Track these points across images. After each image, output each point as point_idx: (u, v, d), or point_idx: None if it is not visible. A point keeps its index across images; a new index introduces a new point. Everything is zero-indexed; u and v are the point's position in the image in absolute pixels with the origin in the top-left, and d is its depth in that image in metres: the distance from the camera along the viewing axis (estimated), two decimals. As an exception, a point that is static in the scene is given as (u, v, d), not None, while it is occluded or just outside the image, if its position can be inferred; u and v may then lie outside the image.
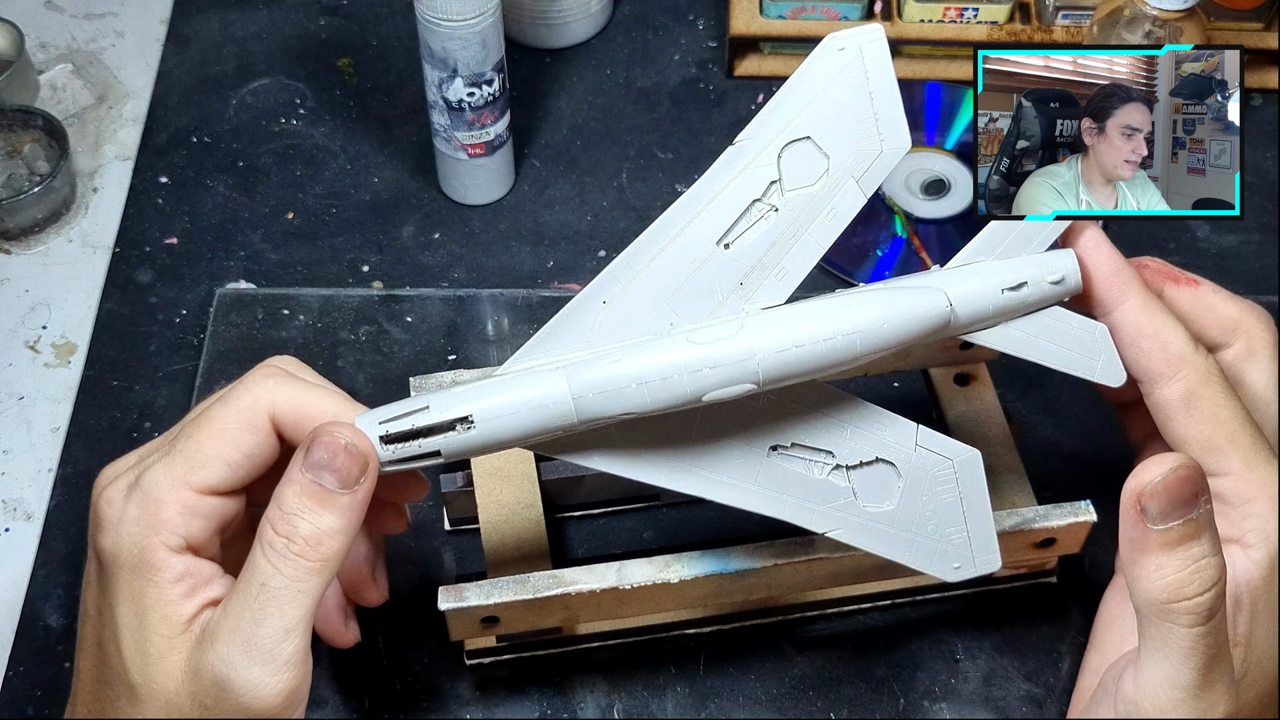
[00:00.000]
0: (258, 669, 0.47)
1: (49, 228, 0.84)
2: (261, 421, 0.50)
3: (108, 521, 0.49)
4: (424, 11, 0.75)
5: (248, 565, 0.49)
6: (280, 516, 0.48)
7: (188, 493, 0.48)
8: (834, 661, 0.67)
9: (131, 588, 0.48)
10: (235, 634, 0.47)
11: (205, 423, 0.50)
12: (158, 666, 0.48)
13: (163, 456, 0.49)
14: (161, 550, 0.48)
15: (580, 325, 0.52)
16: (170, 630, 0.48)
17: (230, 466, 0.49)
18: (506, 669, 0.66)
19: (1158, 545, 0.48)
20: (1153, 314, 0.53)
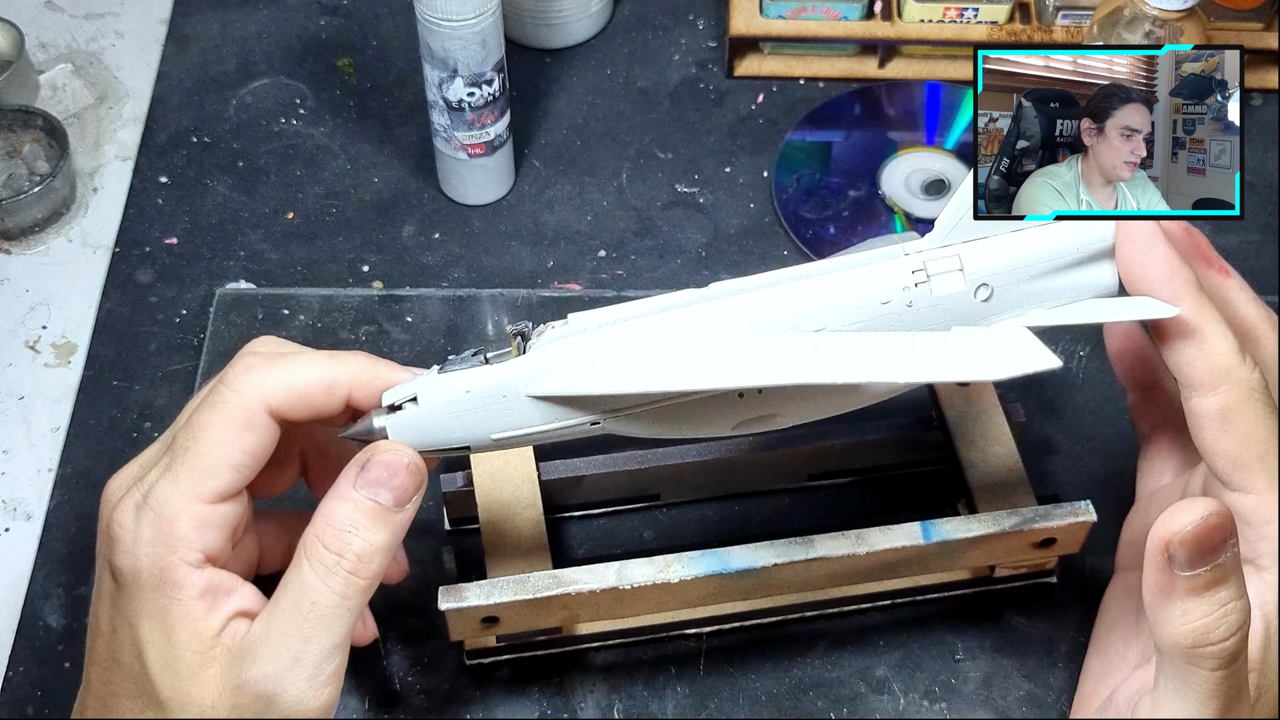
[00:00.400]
0: (304, 684, 0.48)
1: (49, 228, 0.84)
2: (258, 418, 0.49)
3: (122, 544, 0.49)
4: (424, 11, 0.75)
5: (293, 580, 0.48)
6: (333, 534, 0.48)
7: (199, 505, 0.48)
8: (834, 661, 0.67)
9: (154, 606, 0.48)
10: (283, 651, 0.48)
11: (202, 430, 0.49)
12: (191, 681, 0.48)
13: (165, 470, 0.49)
14: (182, 568, 0.48)
15: None
16: (200, 645, 0.48)
17: (235, 470, 0.49)
18: (506, 669, 0.66)
19: (1184, 591, 0.47)
20: (1203, 321, 0.51)
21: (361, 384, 0.51)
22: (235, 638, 0.49)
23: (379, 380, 0.51)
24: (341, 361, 0.51)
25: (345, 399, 0.51)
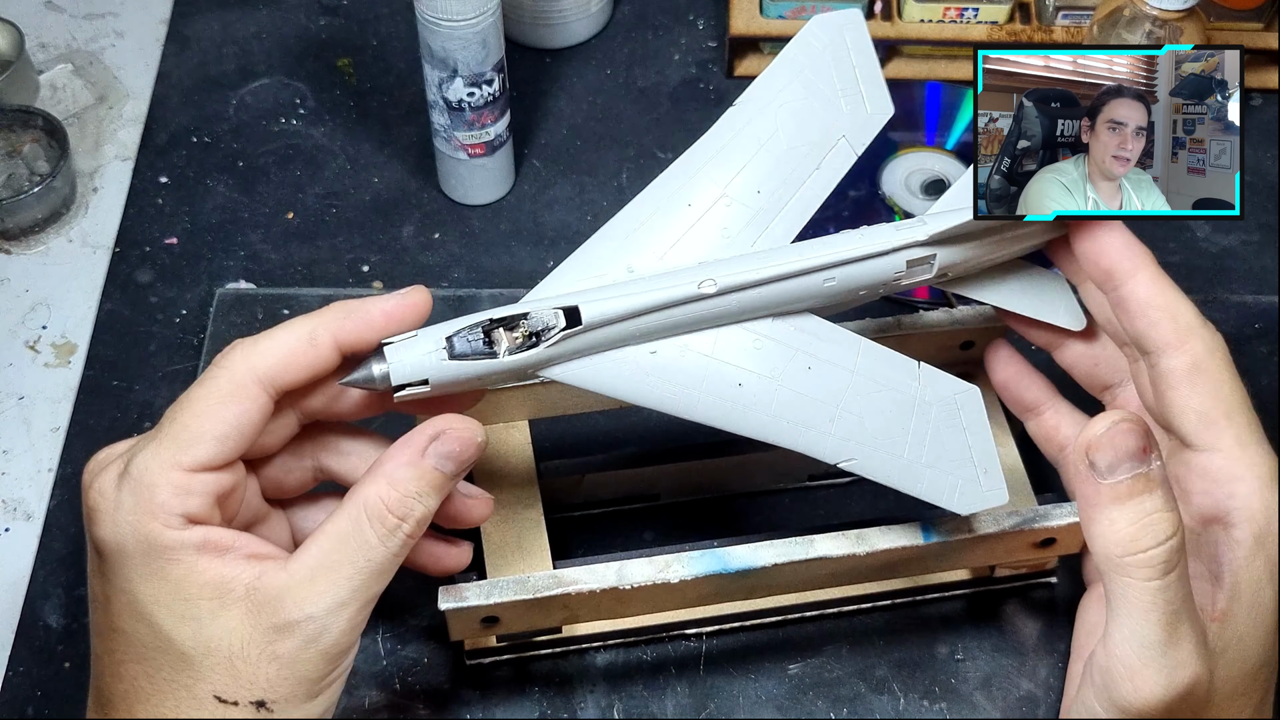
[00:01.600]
0: (345, 627, 0.49)
1: (49, 228, 0.84)
2: (244, 389, 0.50)
3: (102, 513, 0.49)
4: (424, 11, 0.75)
5: (349, 534, 0.49)
6: (398, 499, 0.50)
7: (179, 473, 0.49)
8: (834, 661, 0.67)
9: (149, 569, 0.49)
10: (329, 596, 0.49)
11: (188, 403, 0.50)
12: (213, 626, 0.49)
13: (149, 441, 0.50)
14: (167, 532, 0.48)
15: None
16: (215, 591, 0.49)
17: (219, 440, 0.49)
18: (506, 669, 0.66)
19: (1109, 499, 0.48)
20: (1163, 287, 0.53)
21: (342, 325, 0.51)
22: (257, 576, 0.49)
23: (358, 316, 0.51)
24: (316, 315, 0.52)
25: (332, 346, 0.51)
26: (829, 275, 0.55)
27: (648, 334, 0.54)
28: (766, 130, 0.58)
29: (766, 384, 0.55)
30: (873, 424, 0.55)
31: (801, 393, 0.55)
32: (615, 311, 0.53)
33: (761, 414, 0.54)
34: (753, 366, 0.55)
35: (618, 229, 0.57)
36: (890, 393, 0.55)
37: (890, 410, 0.55)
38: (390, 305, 0.52)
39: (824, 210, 0.84)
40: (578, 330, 0.52)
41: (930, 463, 0.55)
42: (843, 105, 0.59)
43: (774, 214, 0.57)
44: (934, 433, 0.55)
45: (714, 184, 0.57)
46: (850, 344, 0.56)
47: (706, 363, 0.54)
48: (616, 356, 0.54)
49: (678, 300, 0.53)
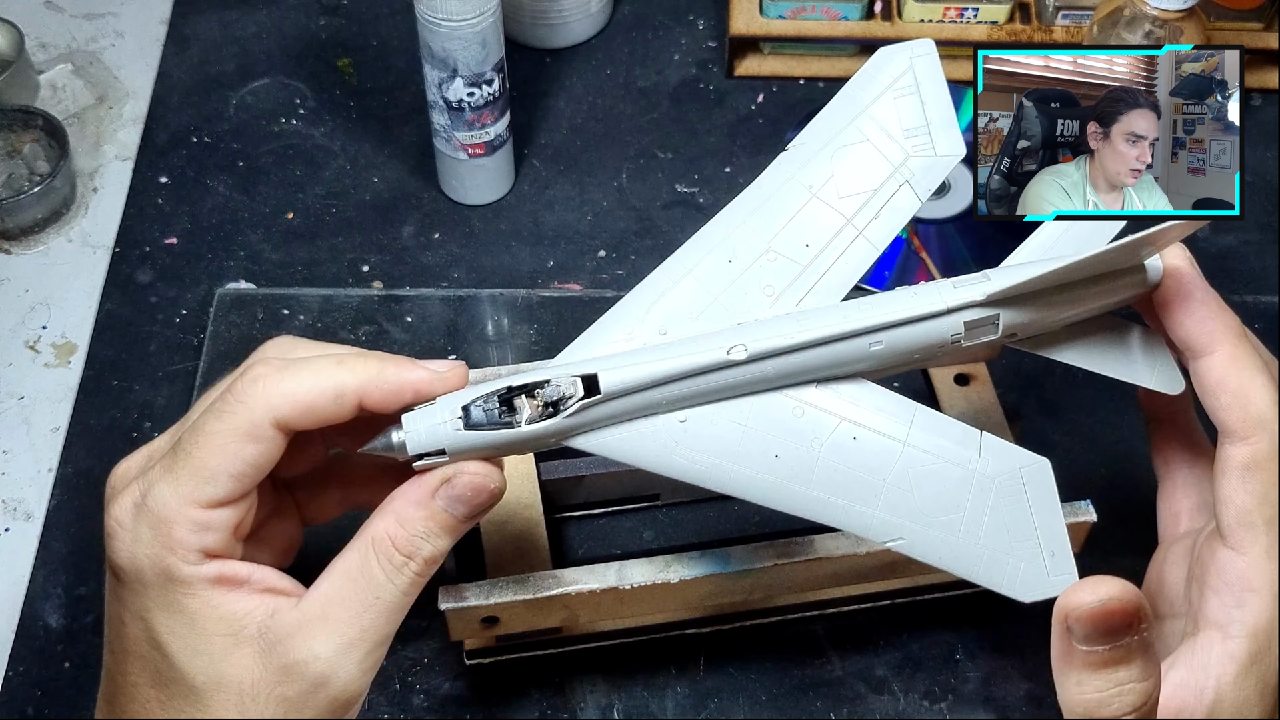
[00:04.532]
0: (355, 669, 0.49)
1: (49, 228, 0.84)
2: (262, 430, 0.49)
3: (120, 541, 0.49)
4: (424, 11, 0.75)
5: (357, 571, 0.49)
6: (405, 538, 0.49)
7: (196, 510, 0.48)
8: (834, 661, 0.67)
9: (166, 601, 0.48)
10: (339, 636, 0.48)
11: (206, 438, 0.49)
12: (226, 663, 0.48)
13: (166, 472, 0.49)
14: (185, 566, 0.48)
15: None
16: (228, 629, 0.48)
17: (235, 479, 0.49)
18: (506, 669, 0.66)
19: (1081, 663, 0.47)
20: (1241, 368, 0.49)
21: (372, 389, 0.50)
22: (270, 614, 0.49)
23: (389, 384, 0.50)
24: (349, 369, 0.50)
25: (355, 406, 0.50)
26: (875, 339, 0.50)
27: (676, 402, 0.50)
28: (820, 177, 0.53)
29: (805, 456, 0.50)
30: (924, 500, 0.50)
31: (844, 465, 0.50)
32: (636, 380, 0.49)
33: (799, 487, 0.50)
34: (791, 437, 0.51)
35: (653, 287, 0.53)
36: (945, 466, 0.51)
37: (945, 485, 0.50)
38: (424, 381, 0.50)
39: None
40: (596, 400, 0.49)
41: (989, 544, 0.50)
42: (907, 147, 0.54)
43: (823, 270, 0.52)
44: (994, 510, 0.50)
45: (759, 237, 0.53)
46: (904, 413, 0.51)
47: (741, 432, 0.50)
48: (643, 426, 0.50)
49: (704, 368, 0.49)
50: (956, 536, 0.50)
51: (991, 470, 0.51)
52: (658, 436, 0.50)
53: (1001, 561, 0.50)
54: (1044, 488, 0.51)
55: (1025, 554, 0.50)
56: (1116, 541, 0.64)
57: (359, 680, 0.49)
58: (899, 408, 0.52)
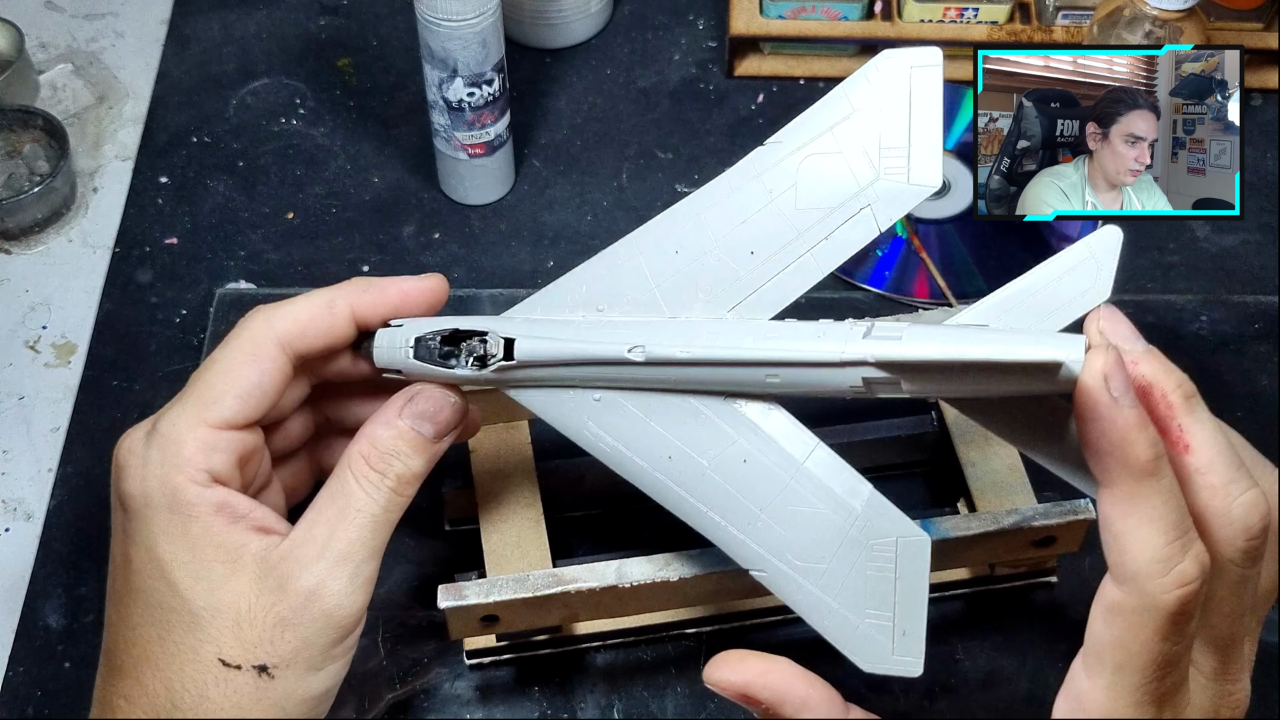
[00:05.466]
0: (345, 583, 0.51)
1: (49, 228, 0.84)
2: (265, 349, 0.53)
3: (130, 468, 0.51)
4: (424, 11, 0.75)
5: (337, 491, 0.52)
6: (376, 455, 0.52)
7: (204, 429, 0.51)
8: (834, 661, 0.67)
9: (171, 525, 0.50)
10: (328, 552, 0.51)
11: (211, 364, 0.53)
12: (224, 589, 0.50)
13: (175, 402, 0.52)
14: (191, 487, 0.50)
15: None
16: (228, 555, 0.50)
17: (241, 399, 0.52)
18: (506, 669, 0.66)
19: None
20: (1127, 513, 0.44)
21: (359, 297, 0.54)
22: (266, 547, 0.51)
23: (375, 291, 0.55)
24: (338, 287, 0.55)
25: (348, 316, 0.54)
26: (772, 373, 0.49)
27: (588, 382, 0.52)
28: (784, 183, 0.51)
29: (695, 466, 0.51)
30: (795, 540, 0.49)
31: (728, 484, 0.50)
32: (544, 355, 0.52)
33: (684, 494, 0.51)
34: (686, 443, 0.51)
35: (607, 260, 0.54)
36: (825, 513, 0.49)
37: (819, 532, 0.49)
38: (408, 285, 0.55)
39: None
40: (511, 365, 0.52)
41: (846, 602, 0.48)
42: (880, 166, 0.50)
43: (760, 282, 0.51)
44: (859, 572, 0.48)
45: (708, 233, 0.52)
46: (801, 447, 0.50)
47: (643, 425, 0.52)
48: (563, 396, 0.53)
49: (604, 359, 0.51)
50: (817, 586, 0.49)
51: (870, 531, 0.49)
52: (573, 408, 0.53)
53: (852, 624, 0.48)
54: (917, 563, 0.48)
55: (877, 624, 0.48)
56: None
57: (351, 595, 0.51)
58: (799, 440, 0.50)
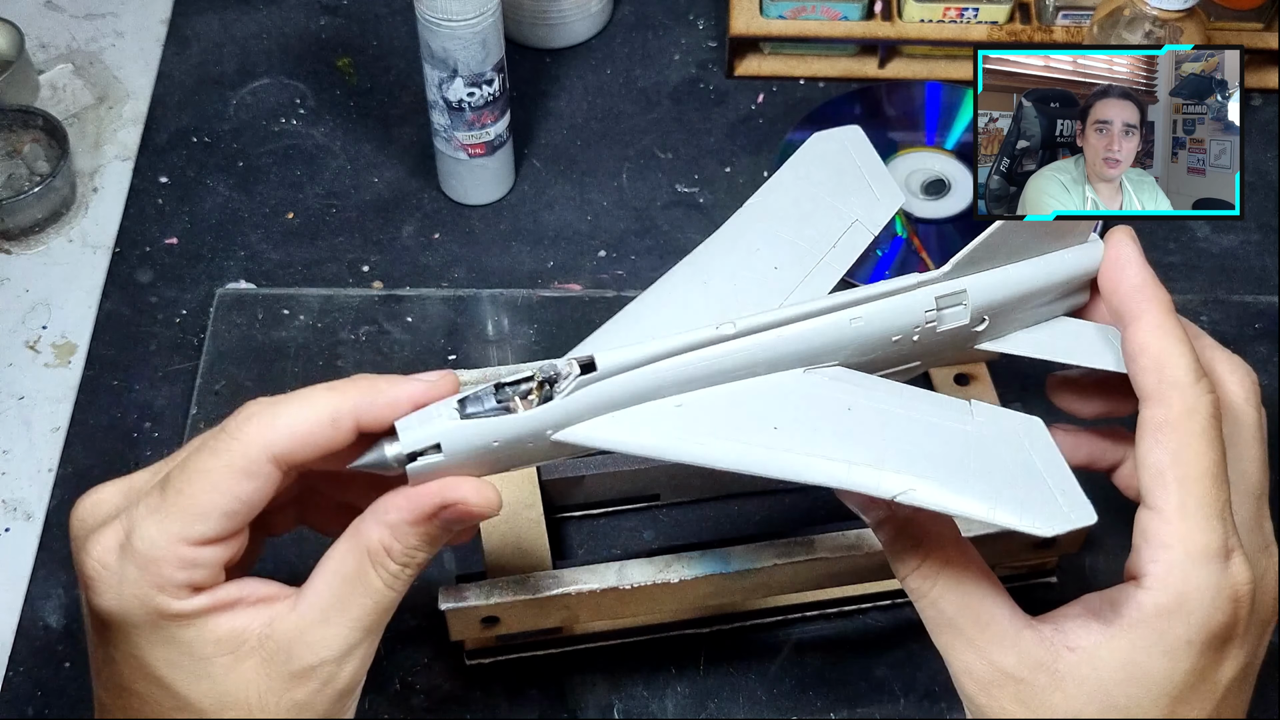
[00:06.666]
0: (358, 664, 0.50)
1: (49, 228, 0.84)
2: (258, 466, 0.48)
3: (104, 583, 0.48)
4: (424, 11, 0.75)
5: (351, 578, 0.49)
6: (401, 551, 0.49)
7: (186, 548, 0.47)
8: (834, 661, 0.67)
9: (158, 636, 0.48)
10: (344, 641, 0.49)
11: (198, 475, 0.48)
12: (229, 680, 0.48)
13: (154, 512, 0.48)
14: (174, 602, 0.48)
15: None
16: (228, 647, 0.48)
17: (228, 516, 0.48)
18: (506, 669, 0.66)
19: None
20: (1162, 335, 0.51)
21: (366, 408, 0.49)
22: (267, 624, 0.49)
23: (383, 400, 0.49)
24: (340, 392, 0.49)
25: (353, 429, 0.49)
26: (855, 314, 0.52)
27: (671, 386, 0.50)
28: (777, 220, 0.57)
29: (804, 426, 0.50)
30: (928, 456, 0.50)
31: (844, 432, 0.50)
32: (632, 358, 0.49)
33: (800, 453, 0.50)
34: (787, 409, 0.51)
35: (633, 313, 0.54)
36: (944, 428, 0.51)
37: (946, 444, 0.50)
38: (418, 391, 0.49)
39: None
40: (594, 377, 0.49)
41: (999, 488, 0.49)
42: (852, 198, 0.58)
43: (792, 286, 0.55)
44: (999, 461, 0.50)
45: (728, 263, 0.55)
46: (891, 388, 0.52)
47: (737, 409, 0.50)
48: (639, 411, 0.50)
49: (697, 344, 0.50)
50: (966, 484, 0.50)
51: (989, 430, 0.51)
52: (654, 420, 0.50)
53: (1015, 501, 0.49)
54: (1041, 438, 0.51)
55: (1037, 496, 0.50)
56: (1116, 541, 0.64)
57: (360, 673, 0.50)
58: (885, 385, 0.53)
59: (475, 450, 0.49)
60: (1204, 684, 0.49)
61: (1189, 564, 0.48)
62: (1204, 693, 0.49)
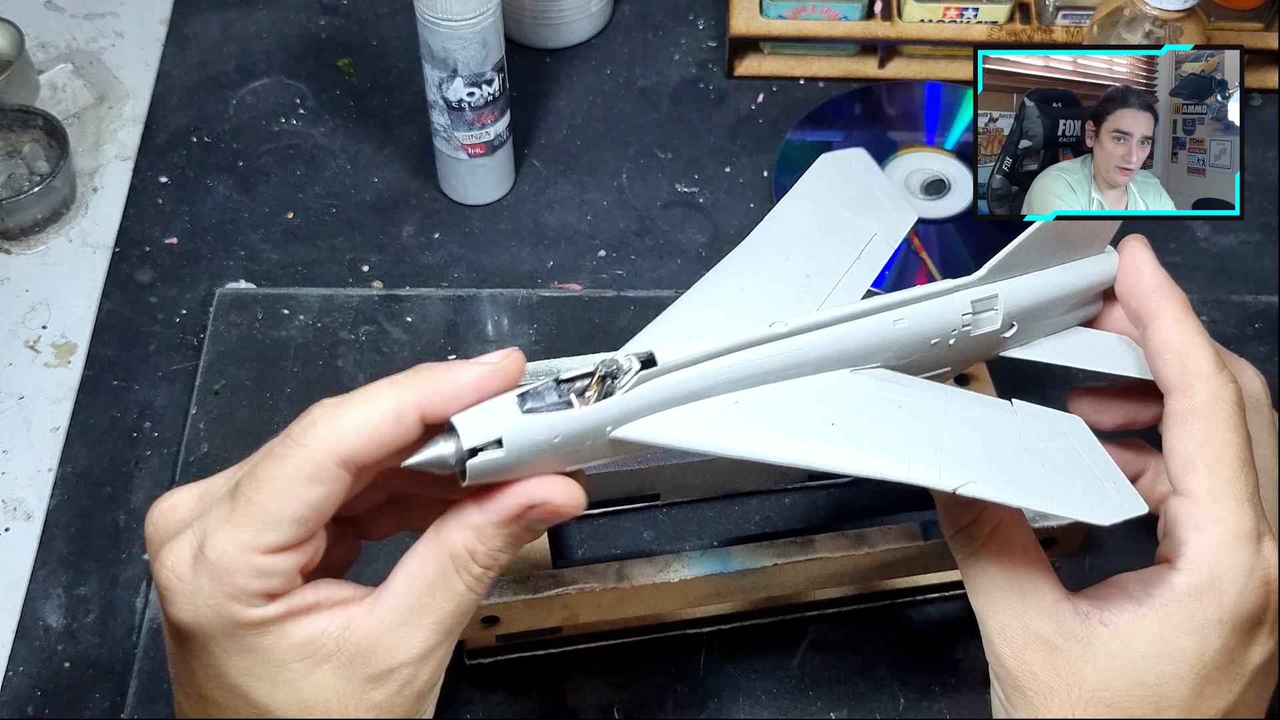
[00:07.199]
0: (437, 666, 0.49)
1: (49, 228, 0.84)
2: (326, 470, 0.47)
3: (179, 594, 0.48)
4: (424, 11, 0.75)
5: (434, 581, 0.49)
6: (487, 554, 0.49)
7: (259, 557, 0.47)
8: (834, 661, 0.67)
9: (237, 646, 0.48)
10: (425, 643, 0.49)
11: (266, 483, 0.47)
12: (308, 687, 0.48)
13: (225, 521, 0.47)
14: (250, 611, 0.47)
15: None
16: (306, 652, 0.48)
17: (299, 523, 0.47)
18: (506, 669, 0.66)
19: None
20: (1181, 330, 0.53)
21: (429, 399, 0.48)
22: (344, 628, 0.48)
23: (446, 390, 0.48)
24: (403, 386, 0.47)
25: (418, 422, 0.47)
26: (898, 315, 0.53)
27: (726, 384, 0.51)
28: (800, 233, 0.59)
29: (860, 423, 0.51)
30: (983, 450, 0.51)
31: (898, 427, 0.51)
32: (691, 355, 0.49)
33: (860, 448, 0.50)
34: (842, 407, 0.52)
35: (671, 318, 0.55)
36: (992, 424, 0.52)
37: (998, 439, 0.52)
38: (483, 378, 0.48)
39: (824, 210, 0.84)
40: (654, 372, 0.49)
41: (1054, 480, 0.51)
42: (868, 213, 0.60)
43: (825, 293, 0.57)
44: (1048, 456, 0.51)
45: (762, 271, 0.57)
46: (936, 390, 0.54)
47: (793, 406, 0.51)
48: (698, 407, 0.50)
49: (751, 342, 0.50)
50: (1021, 477, 0.51)
51: (1034, 427, 0.53)
52: (712, 415, 0.50)
53: (1070, 493, 0.50)
54: (1084, 434, 0.53)
55: (1088, 488, 0.51)
56: (1116, 542, 0.64)
57: (439, 673, 0.50)
58: (930, 386, 0.54)
59: (536, 446, 0.47)
60: (1233, 665, 0.50)
61: (1221, 546, 0.50)
62: (1232, 674, 0.50)
